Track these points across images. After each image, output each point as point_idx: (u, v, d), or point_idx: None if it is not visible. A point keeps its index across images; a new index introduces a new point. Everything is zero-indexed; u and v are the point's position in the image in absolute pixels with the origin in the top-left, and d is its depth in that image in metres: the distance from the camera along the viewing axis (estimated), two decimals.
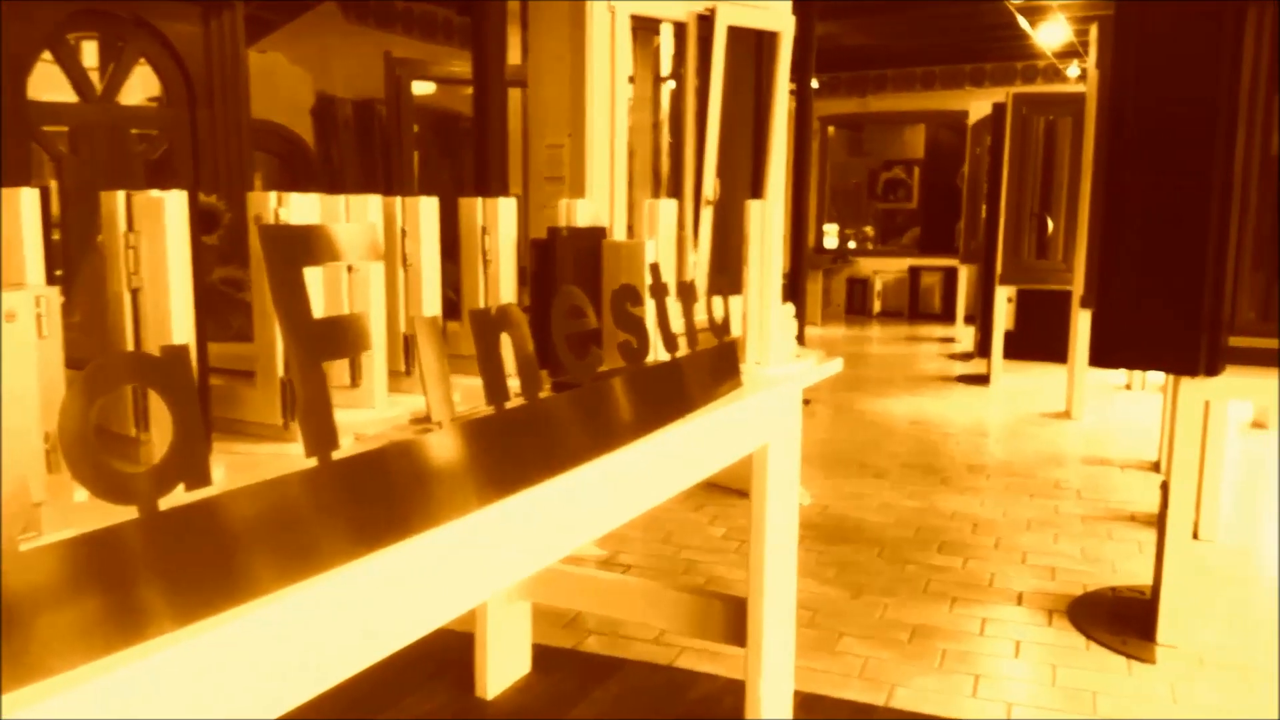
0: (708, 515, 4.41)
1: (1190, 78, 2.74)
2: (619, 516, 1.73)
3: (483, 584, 1.40)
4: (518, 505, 1.38)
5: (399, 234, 1.87)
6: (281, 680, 1.01)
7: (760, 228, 2.50)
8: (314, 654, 1.05)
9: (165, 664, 0.87)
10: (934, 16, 9.73)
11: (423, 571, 1.21)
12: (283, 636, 1.00)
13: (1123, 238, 2.85)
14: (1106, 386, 7.69)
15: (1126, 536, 4.21)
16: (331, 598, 1.06)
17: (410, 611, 1.20)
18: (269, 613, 0.98)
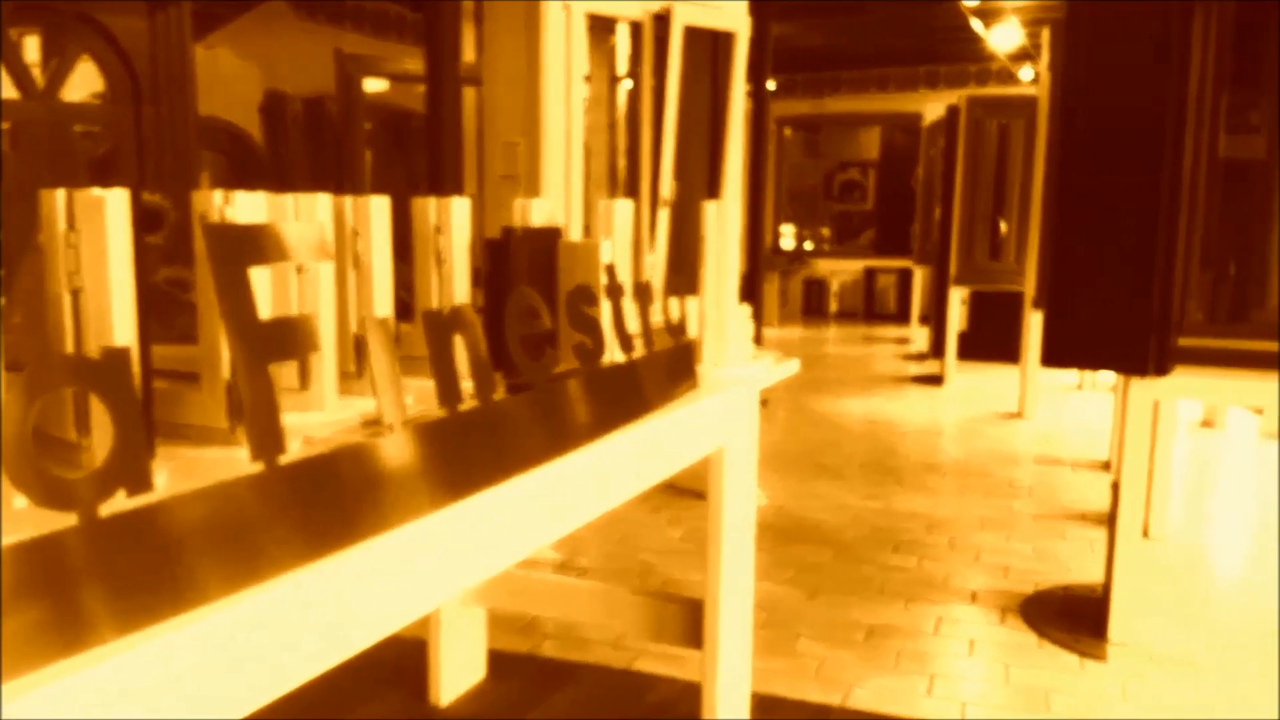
0: (666, 517, 4.40)
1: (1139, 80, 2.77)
2: (574, 519, 1.70)
3: (435, 589, 1.37)
4: (471, 509, 1.36)
5: (349, 234, 1.83)
6: (229, 689, 0.99)
7: (716, 228, 2.50)
8: (262, 662, 1.02)
9: (106, 675, 0.85)
10: (888, 19, 9.82)
11: (373, 577, 1.19)
12: (229, 645, 0.98)
13: (1073, 239, 2.89)
14: (1058, 386, 7.80)
15: (1078, 535, 4.27)
16: (279, 605, 1.04)
17: (361, 618, 1.18)
18: (214, 621, 0.96)
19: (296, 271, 1.68)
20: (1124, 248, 2.80)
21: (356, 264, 1.84)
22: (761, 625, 3.23)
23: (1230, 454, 5.94)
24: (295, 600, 1.06)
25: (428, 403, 1.40)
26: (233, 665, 0.98)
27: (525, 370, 1.56)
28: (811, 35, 10.54)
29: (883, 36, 10.82)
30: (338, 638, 1.14)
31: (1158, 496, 4.19)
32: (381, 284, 1.83)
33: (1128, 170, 2.79)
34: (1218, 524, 4.65)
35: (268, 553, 1.06)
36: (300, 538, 1.10)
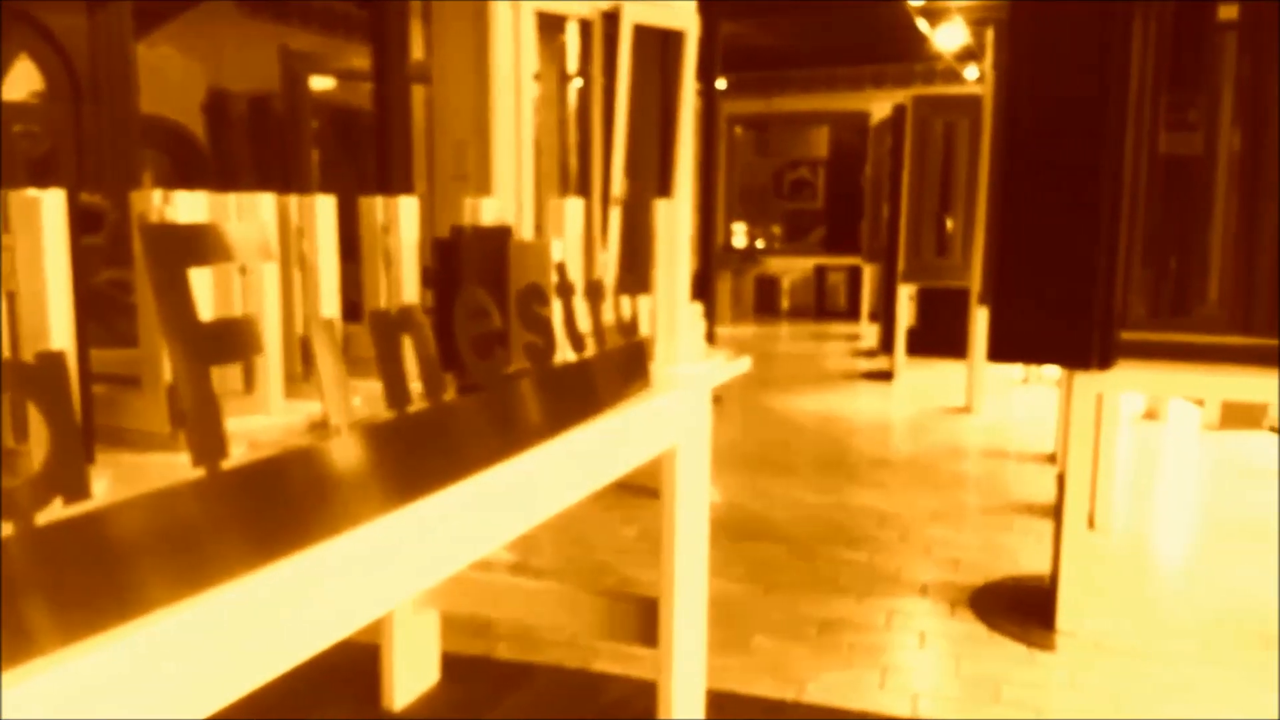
0: (620, 516, 4.39)
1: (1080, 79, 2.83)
2: (527, 520, 1.70)
3: (387, 593, 1.36)
4: (422, 511, 1.35)
5: (294, 233, 1.80)
6: (175, 698, 0.97)
7: (667, 227, 2.49)
8: (208, 670, 1.01)
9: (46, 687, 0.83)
10: (836, 18, 9.91)
11: (322, 582, 1.17)
12: (173, 653, 0.96)
13: (1017, 236, 2.93)
14: (1005, 381, 7.93)
15: (1026, 527, 4.34)
16: (224, 612, 1.02)
17: (310, 623, 1.16)
18: (157, 630, 0.94)
19: (240, 272, 1.65)
20: (1066, 244, 2.85)
21: (302, 264, 1.81)
22: (716, 622, 3.23)
23: (1173, 446, 6.08)
24: (241, 607, 1.04)
25: (377, 405, 1.38)
26: (178, 674, 0.97)
27: (475, 370, 1.54)
28: (761, 34, 10.61)
29: (830, 36, 10.92)
30: (287, 644, 1.12)
31: (1102, 488, 4.27)
32: (327, 284, 1.80)
33: (1070, 168, 2.84)
34: (1161, 515, 4.76)
35: (212, 559, 1.04)
36: (245, 543, 1.08)
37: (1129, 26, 2.81)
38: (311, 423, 1.64)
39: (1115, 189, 2.83)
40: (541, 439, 1.69)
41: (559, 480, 1.78)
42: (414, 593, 2.56)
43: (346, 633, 1.22)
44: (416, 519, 1.34)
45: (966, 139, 7.81)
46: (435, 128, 3.50)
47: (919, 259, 7.93)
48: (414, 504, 1.33)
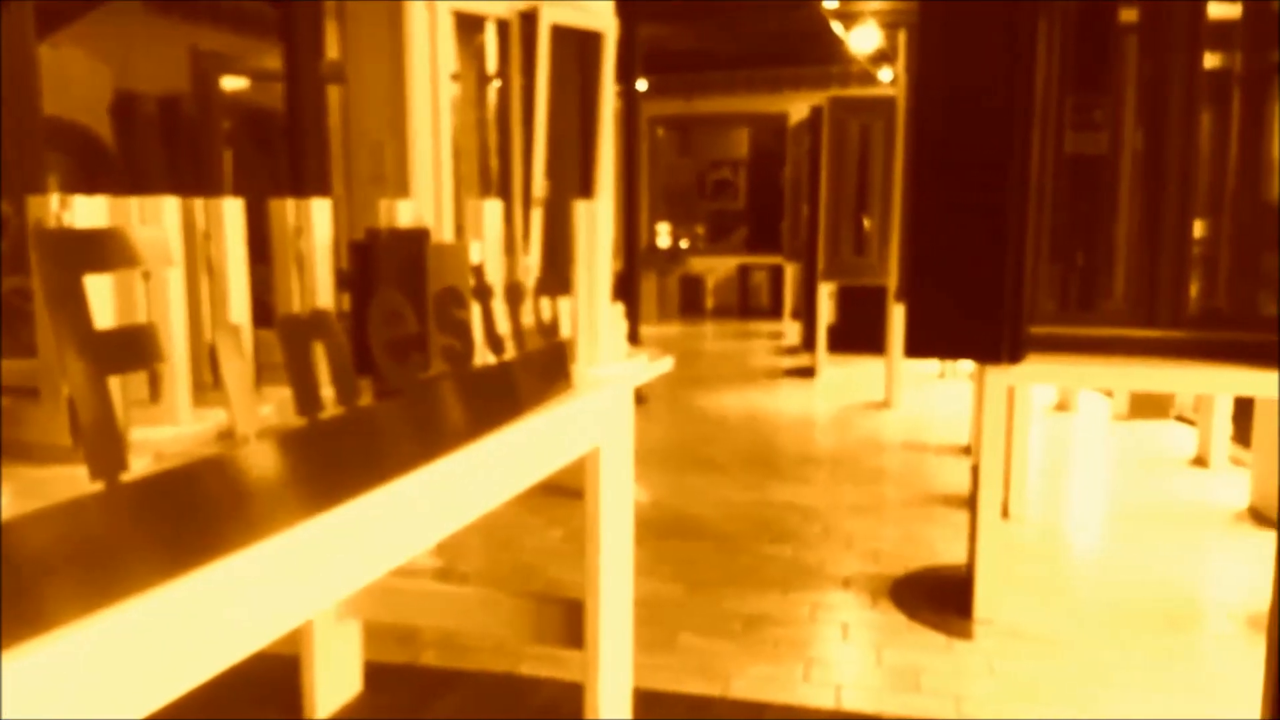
0: (546, 518, 4.38)
1: (988, 80, 2.90)
2: (447, 525, 1.67)
3: (302, 604, 1.33)
4: (335, 519, 1.32)
5: (201, 237, 1.75)
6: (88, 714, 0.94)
7: (588, 227, 2.49)
8: (119, 687, 0.99)
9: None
10: (753, 22, 10.02)
11: (233, 594, 1.14)
12: (78, 671, 0.93)
13: (928, 235, 3.00)
14: (922, 376, 8.10)
15: (944, 518, 4.44)
16: (131, 628, 1.00)
17: (222, 636, 1.13)
18: (59, 647, 0.91)
19: (143, 278, 1.60)
20: (976, 242, 2.92)
21: (209, 269, 1.77)
22: (643, 621, 3.24)
23: (1083, 435, 6.28)
24: (148, 622, 1.02)
25: (291, 412, 1.35)
26: (85, 691, 0.94)
27: (390, 375, 1.52)
28: (680, 37, 10.68)
29: (749, 39, 11.04)
30: (200, 657, 1.09)
31: (1016, 478, 4.39)
32: (236, 289, 1.76)
33: (978, 167, 2.91)
34: (1073, 503, 4.91)
35: (115, 574, 1.01)
36: (150, 557, 1.05)
37: (1034, 29, 2.89)
38: (220, 432, 1.60)
39: (1022, 188, 2.91)
40: (461, 443, 1.67)
41: (480, 484, 1.76)
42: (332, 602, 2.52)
43: (261, 644, 1.19)
44: (330, 527, 1.31)
45: (882, 140, 7.98)
46: (351, 129, 3.44)
47: (838, 258, 8.06)
48: (327, 512, 1.30)
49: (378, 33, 3.28)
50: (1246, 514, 4.48)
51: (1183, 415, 6.31)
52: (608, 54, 3.98)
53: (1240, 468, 5.11)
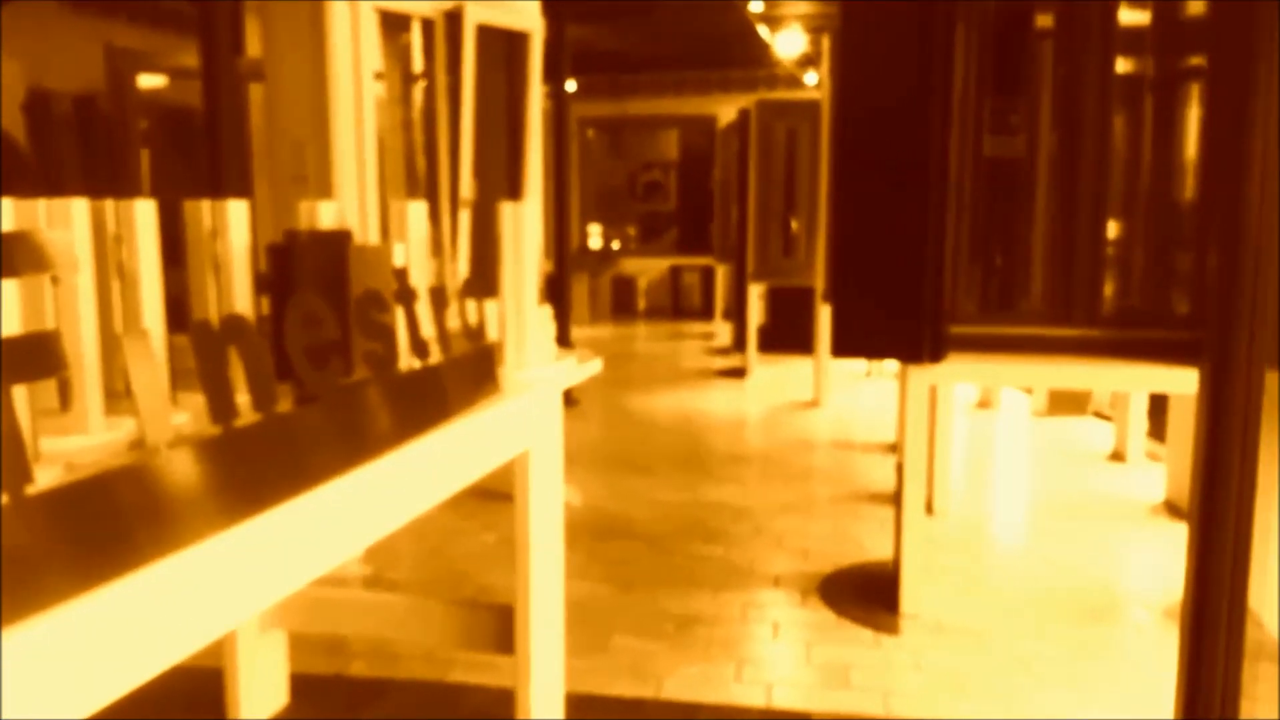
0: (479, 523, 4.34)
1: (906, 84, 2.95)
2: (371, 532, 1.65)
3: (222, 615, 1.29)
4: (253, 528, 1.29)
5: (112, 240, 1.70)
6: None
7: (514, 229, 2.47)
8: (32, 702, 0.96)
9: None
10: (681, 24, 10.06)
11: (147, 606, 1.11)
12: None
13: (850, 236, 3.05)
14: (850, 375, 8.22)
15: (871, 515, 4.51)
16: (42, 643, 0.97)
17: (139, 650, 1.10)
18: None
19: (52, 283, 1.54)
20: (897, 244, 2.97)
21: (121, 273, 1.71)
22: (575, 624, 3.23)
23: (1005, 432, 6.43)
24: (60, 637, 0.99)
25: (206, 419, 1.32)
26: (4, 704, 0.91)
27: (309, 380, 1.49)
28: (609, 38, 10.68)
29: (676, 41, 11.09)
30: (115, 671, 1.07)
31: (939, 475, 4.48)
32: (149, 294, 1.70)
33: (898, 170, 2.96)
34: (995, 498, 5.02)
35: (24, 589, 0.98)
36: (61, 570, 1.03)
37: (951, 34, 2.95)
38: (133, 441, 1.55)
39: (942, 191, 2.97)
40: (385, 448, 1.65)
41: (405, 489, 1.74)
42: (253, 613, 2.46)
43: (181, 657, 1.16)
44: (248, 536, 1.28)
45: (808, 142, 8.10)
46: (271, 128, 3.37)
47: (767, 259, 8.15)
48: (244, 521, 1.27)
49: (299, 30, 3.22)
50: (1162, 507, 4.63)
51: (1100, 411, 6.50)
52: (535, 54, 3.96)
53: (1156, 462, 5.28)
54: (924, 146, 2.92)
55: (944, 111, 2.95)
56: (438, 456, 1.85)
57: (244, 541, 1.28)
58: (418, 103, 3.92)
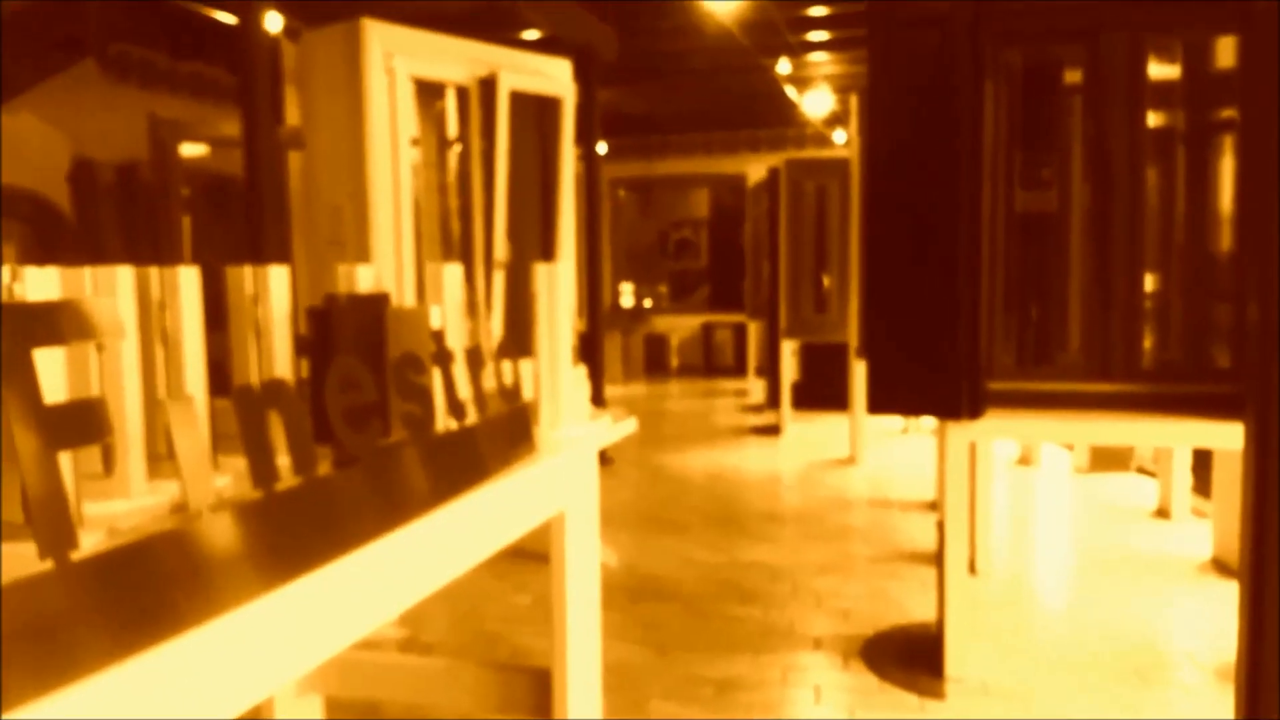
0: (512, 583, 4.31)
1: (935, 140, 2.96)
2: (409, 595, 1.64)
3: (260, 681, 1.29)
4: (293, 592, 1.29)
5: (156, 307, 1.73)
6: None
7: (548, 290, 2.49)
8: None
9: None
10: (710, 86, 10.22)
11: (188, 672, 1.10)
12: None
13: (884, 293, 3.04)
14: (886, 432, 8.14)
15: (911, 575, 4.43)
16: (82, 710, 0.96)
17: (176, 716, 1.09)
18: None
19: (97, 349, 1.57)
20: (931, 301, 2.96)
21: (164, 338, 1.74)
22: (613, 688, 3.19)
23: (1046, 489, 6.32)
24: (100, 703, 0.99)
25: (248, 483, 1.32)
26: None
27: (348, 442, 1.50)
28: (639, 101, 10.87)
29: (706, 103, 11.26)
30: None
31: (981, 534, 4.40)
32: (191, 360, 1.73)
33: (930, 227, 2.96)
34: (1039, 557, 4.92)
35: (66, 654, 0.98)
36: (103, 635, 1.02)
37: (980, 90, 2.97)
38: (175, 505, 1.56)
39: (974, 247, 2.96)
40: (422, 510, 1.65)
41: (442, 552, 1.73)
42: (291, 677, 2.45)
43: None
44: (287, 601, 1.28)
45: (838, 199, 8.16)
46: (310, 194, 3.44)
47: (799, 315, 8.14)
48: (284, 585, 1.27)
49: (337, 99, 3.30)
50: (1210, 564, 4.52)
51: (1143, 467, 6.38)
52: (566, 118, 4.02)
53: (1202, 519, 5.16)
54: (955, 202, 2.92)
55: (974, 167, 2.96)
56: (475, 518, 1.84)
57: (283, 606, 1.27)
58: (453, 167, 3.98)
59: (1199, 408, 3.14)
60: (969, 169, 2.95)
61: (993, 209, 3.15)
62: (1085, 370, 3.33)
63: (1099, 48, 3.23)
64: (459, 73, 3.57)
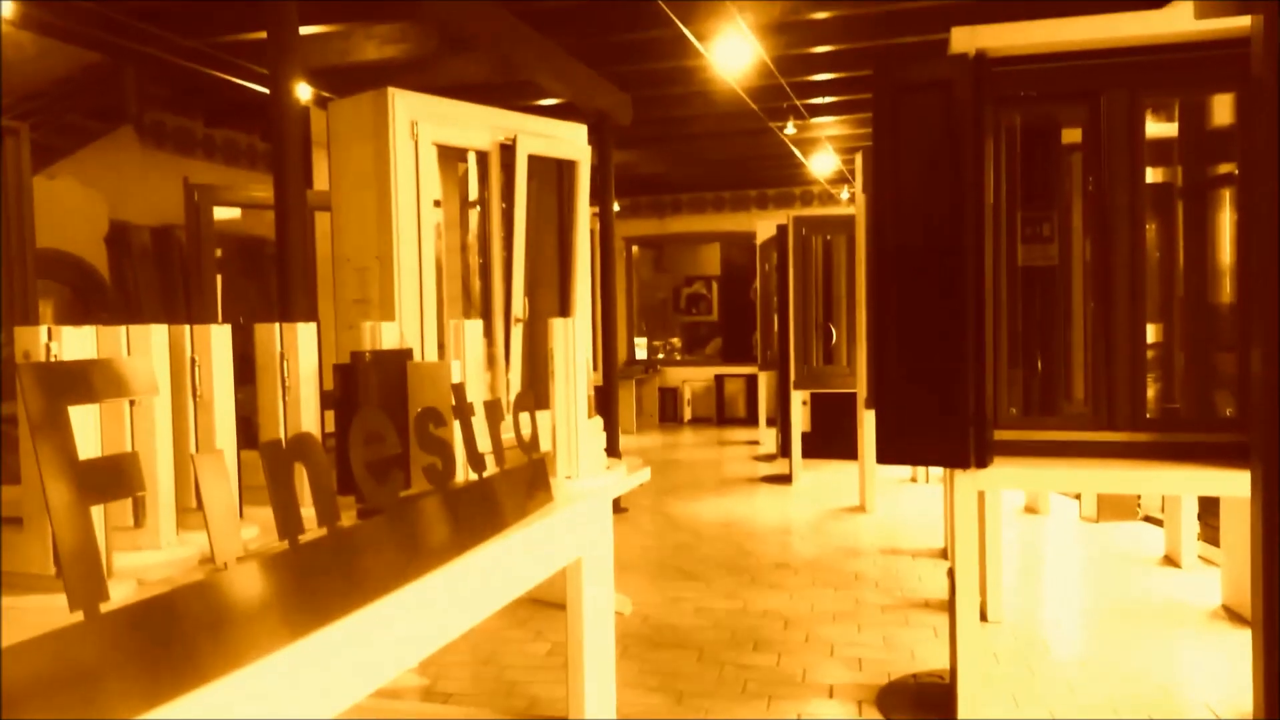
0: (531, 631, 4.34)
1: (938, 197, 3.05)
2: (430, 644, 1.70)
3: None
4: (316, 643, 1.33)
5: (189, 364, 1.82)
6: None
7: (564, 344, 2.58)
8: None
9: None
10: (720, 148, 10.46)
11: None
12: None
13: (891, 346, 3.11)
14: (895, 480, 8.16)
15: (923, 623, 4.44)
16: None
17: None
18: None
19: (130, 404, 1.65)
20: (937, 353, 3.03)
21: (196, 395, 1.83)
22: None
23: (1055, 537, 6.31)
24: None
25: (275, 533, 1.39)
26: None
27: (371, 495, 1.57)
28: (652, 162, 11.10)
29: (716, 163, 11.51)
30: None
31: (991, 581, 4.42)
32: (222, 415, 1.81)
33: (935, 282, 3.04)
34: (1049, 605, 4.92)
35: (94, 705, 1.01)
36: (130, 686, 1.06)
37: (982, 151, 3.06)
38: (204, 557, 1.63)
39: (979, 300, 3.04)
40: (442, 560, 1.71)
41: (463, 601, 1.79)
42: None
43: None
44: (311, 650, 1.32)
45: (844, 254, 8.39)
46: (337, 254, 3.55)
47: (808, 367, 8.25)
48: (307, 636, 1.32)
49: (364, 163, 3.43)
50: (1221, 611, 4.51)
51: (1150, 516, 6.37)
52: (582, 180, 4.15)
53: (1211, 566, 5.15)
54: (960, 257, 3.00)
55: (977, 223, 3.04)
56: (494, 567, 1.90)
57: (307, 655, 1.32)
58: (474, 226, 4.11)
59: (1205, 456, 3.18)
60: (972, 225, 3.03)
61: (996, 263, 3.22)
62: (1091, 420, 3.38)
63: (1097, 107, 3.33)
64: (480, 138, 3.70)
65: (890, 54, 6.64)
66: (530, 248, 3.97)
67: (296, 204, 3.85)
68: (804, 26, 6.45)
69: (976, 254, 3.05)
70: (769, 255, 10.00)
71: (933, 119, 3.10)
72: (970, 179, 3.05)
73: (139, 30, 5.80)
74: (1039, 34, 3.21)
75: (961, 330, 3.00)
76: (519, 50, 5.95)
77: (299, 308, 3.81)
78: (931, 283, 3.04)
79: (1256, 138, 1.50)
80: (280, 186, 3.83)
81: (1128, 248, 3.33)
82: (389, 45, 6.28)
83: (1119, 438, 3.31)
